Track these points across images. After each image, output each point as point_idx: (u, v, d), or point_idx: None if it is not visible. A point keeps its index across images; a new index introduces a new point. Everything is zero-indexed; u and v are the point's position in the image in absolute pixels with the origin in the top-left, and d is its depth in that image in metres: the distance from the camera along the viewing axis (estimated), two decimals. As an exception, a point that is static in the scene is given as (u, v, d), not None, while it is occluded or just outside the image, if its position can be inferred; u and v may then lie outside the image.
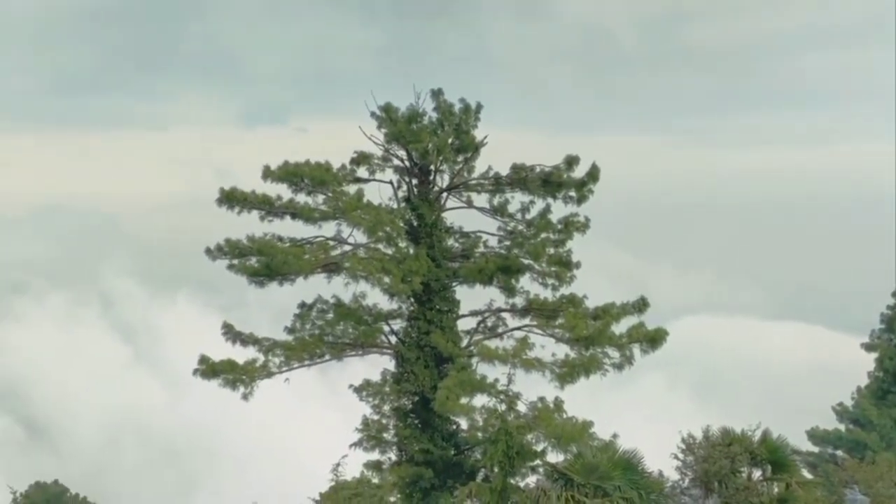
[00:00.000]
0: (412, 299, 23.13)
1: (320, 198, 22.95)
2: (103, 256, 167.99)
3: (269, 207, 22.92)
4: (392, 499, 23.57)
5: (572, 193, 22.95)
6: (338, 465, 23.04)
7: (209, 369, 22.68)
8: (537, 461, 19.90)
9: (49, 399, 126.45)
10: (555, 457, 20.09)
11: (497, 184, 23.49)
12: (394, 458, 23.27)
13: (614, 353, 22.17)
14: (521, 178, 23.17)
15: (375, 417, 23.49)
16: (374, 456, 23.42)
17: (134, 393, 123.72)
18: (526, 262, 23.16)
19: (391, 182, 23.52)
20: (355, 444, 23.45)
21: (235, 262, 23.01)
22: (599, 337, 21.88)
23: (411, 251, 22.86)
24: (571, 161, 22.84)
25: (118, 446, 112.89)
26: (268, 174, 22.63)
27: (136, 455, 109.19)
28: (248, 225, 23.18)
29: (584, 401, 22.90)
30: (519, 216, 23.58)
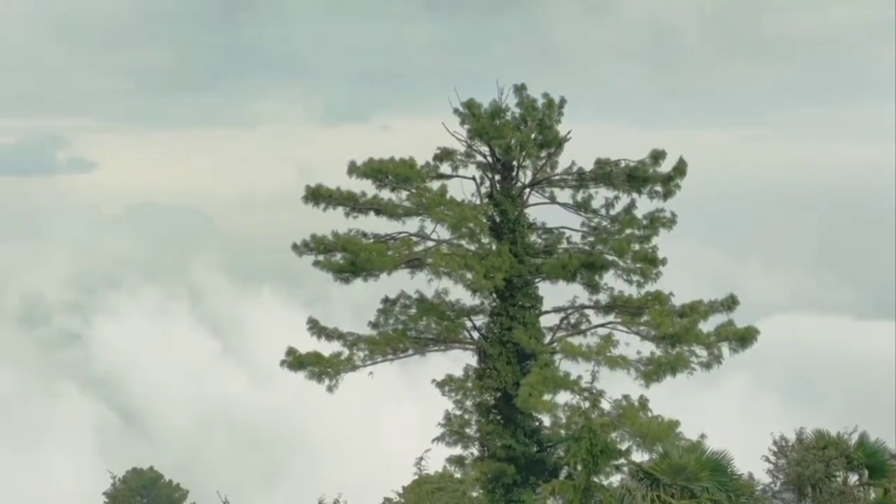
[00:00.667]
0: (495, 295, 23.11)
1: (404, 194, 23.13)
2: (193, 252, 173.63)
3: (353, 204, 23.21)
4: (474, 494, 23.66)
5: (658, 188, 22.53)
6: (421, 459, 23.23)
7: (296, 361, 23.13)
8: (622, 460, 19.66)
9: (142, 389, 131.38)
10: (640, 456, 19.85)
11: (581, 179, 23.24)
12: (476, 453, 23.31)
13: (702, 352, 21.69)
14: (605, 173, 22.87)
15: (458, 413, 23.56)
16: (457, 451, 23.51)
17: (221, 384, 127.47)
18: (610, 258, 22.86)
19: (474, 178, 23.53)
20: (437, 439, 23.57)
21: (321, 258, 23.35)
22: (686, 335, 21.43)
23: (494, 247, 22.82)
24: (657, 155, 22.44)
25: (207, 435, 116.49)
26: (353, 171, 22.91)
27: (224, 444, 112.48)
28: (333, 221, 23.56)
29: (667, 400, 22.53)
30: (603, 212, 23.29)
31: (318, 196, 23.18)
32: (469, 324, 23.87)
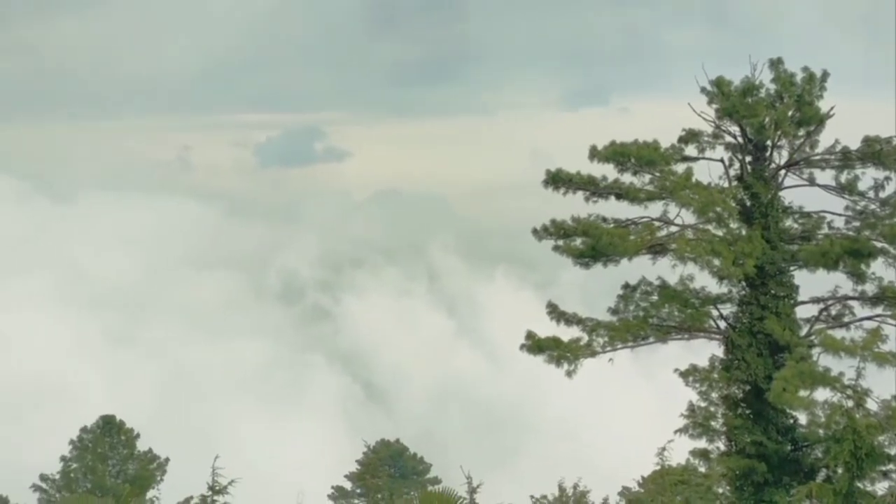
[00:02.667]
0: (744, 283, 21.90)
1: (647, 177, 22.47)
2: (432, 236, 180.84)
3: (594, 188, 22.89)
4: (720, 490, 22.70)
5: (940, 168, 20.24)
6: (663, 449, 22.61)
7: (535, 346, 23.28)
8: (890, 466, 18.00)
9: (384, 364, 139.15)
10: (913, 463, 18.05)
11: (845, 159, 21.35)
12: (722, 447, 22.30)
13: None
14: (874, 151, 20.85)
15: (702, 404, 22.67)
16: (701, 444, 22.64)
17: (458, 363, 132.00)
18: (879, 245, 20.83)
19: (722, 160, 22.38)
20: (680, 431, 22.82)
21: (560, 242, 23.30)
22: (973, 332, 19.12)
23: (744, 232, 21.62)
24: (939, 131, 20.14)
25: (444, 412, 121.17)
26: (594, 154, 22.60)
27: (460, 421, 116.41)
28: (572, 206, 23.43)
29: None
30: (871, 194, 21.26)
31: (558, 180, 23.09)
32: (715, 312, 22.81)
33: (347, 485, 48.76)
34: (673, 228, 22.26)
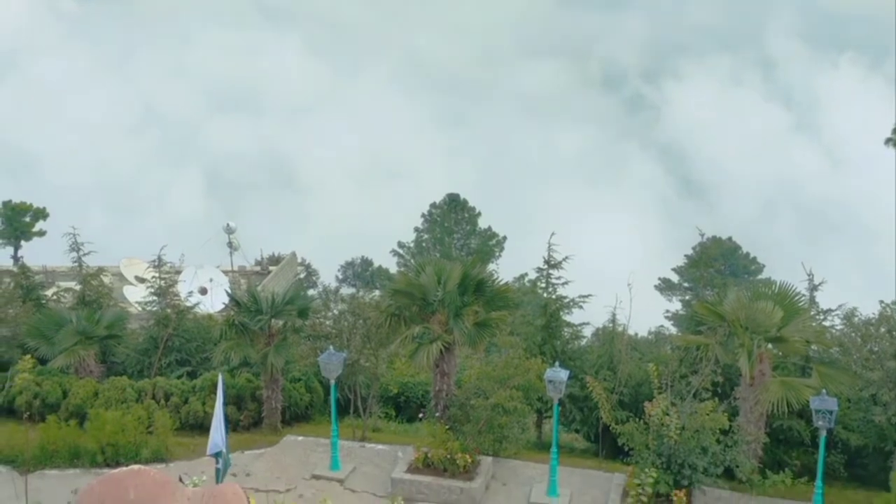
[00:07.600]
0: None
1: None
2: (773, 19, 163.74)
3: None
4: None
5: None
6: None
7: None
8: None
9: (706, 158, 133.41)
10: None
11: None
12: None
13: None
14: None
15: None
16: None
17: (792, 159, 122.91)
18: None
19: None
20: None
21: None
22: None
23: None
24: None
25: (774, 213, 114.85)
26: None
27: (792, 223, 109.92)
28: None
29: None
30: None
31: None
32: None
33: (674, 277, 48.69)
34: None
